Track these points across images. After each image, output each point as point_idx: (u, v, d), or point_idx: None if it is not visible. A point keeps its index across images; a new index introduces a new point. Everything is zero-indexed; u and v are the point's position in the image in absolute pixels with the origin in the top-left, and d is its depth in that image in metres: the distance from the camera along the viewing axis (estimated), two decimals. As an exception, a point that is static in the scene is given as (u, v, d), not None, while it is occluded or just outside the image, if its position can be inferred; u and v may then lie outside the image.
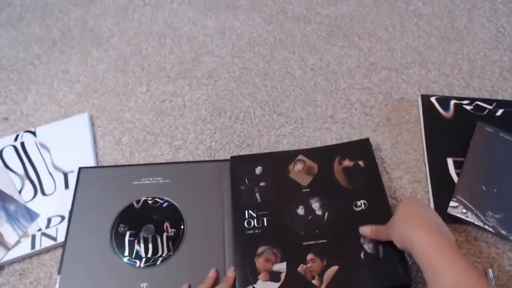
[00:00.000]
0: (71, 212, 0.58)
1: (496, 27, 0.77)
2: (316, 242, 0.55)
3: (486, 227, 0.54)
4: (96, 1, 0.90)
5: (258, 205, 0.59)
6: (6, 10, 0.92)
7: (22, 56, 0.83)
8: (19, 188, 0.63)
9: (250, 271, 0.54)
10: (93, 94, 0.75)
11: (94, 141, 0.68)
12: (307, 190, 0.60)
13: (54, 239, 0.57)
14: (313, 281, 0.53)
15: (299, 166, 0.63)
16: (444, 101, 0.66)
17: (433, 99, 0.67)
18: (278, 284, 0.53)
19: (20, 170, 0.65)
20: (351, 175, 0.61)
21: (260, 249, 0.55)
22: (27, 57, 0.82)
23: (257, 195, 0.60)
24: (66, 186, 0.62)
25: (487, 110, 0.65)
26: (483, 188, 0.57)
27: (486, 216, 0.54)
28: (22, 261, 0.57)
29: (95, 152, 0.67)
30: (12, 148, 0.67)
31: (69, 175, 0.63)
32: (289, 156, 0.64)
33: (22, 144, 0.68)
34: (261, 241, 0.56)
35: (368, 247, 0.54)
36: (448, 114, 0.65)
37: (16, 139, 0.68)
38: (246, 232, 0.57)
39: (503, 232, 0.53)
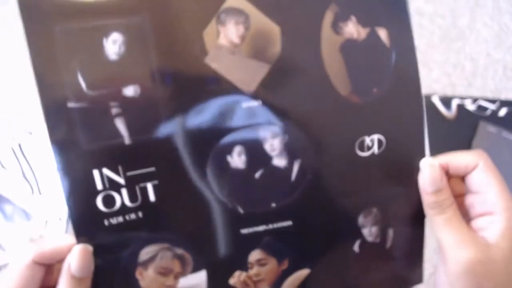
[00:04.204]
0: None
1: (499, 26, 0.76)
2: (271, 226, 0.28)
3: (489, 229, 0.53)
4: (94, 0, 0.90)
5: (127, 152, 0.26)
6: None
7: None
8: (15, 189, 0.62)
9: None
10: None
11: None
12: (255, 104, 0.27)
13: (51, 240, 0.57)
14: None
15: (232, 32, 0.26)
16: (446, 100, 0.65)
17: (435, 99, 0.66)
18: None
19: (17, 171, 0.64)
20: (359, 63, 0.28)
21: (146, 252, 0.27)
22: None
23: (120, 124, 0.26)
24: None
25: (490, 110, 0.64)
26: (486, 189, 0.56)
27: (489, 218, 0.53)
28: (19, 262, 0.57)
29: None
30: (9, 148, 0.67)
31: (66, 176, 0.63)
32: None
33: (19, 144, 0.67)
34: (144, 236, 0.27)
35: (369, 232, 0.30)
36: (451, 114, 0.64)
37: (13, 139, 0.68)
38: (105, 222, 0.26)
39: (507, 234, 0.52)
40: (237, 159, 0.27)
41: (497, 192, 0.28)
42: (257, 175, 0.28)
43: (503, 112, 0.63)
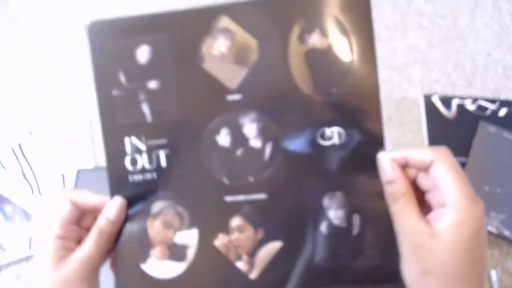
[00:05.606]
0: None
1: (499, 26, 0.76)
2: (249, 197, 0.34)
3: (489, 228, 0.53)
4: (94, 0, 0.90)
5: (148, 127, 0.35)
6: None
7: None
8: (15, 189, 0.62)
9: (137, 242, 0.34)
10: (93, 94, 0.74)
11: (93, 141, 0.67)
12: (237, 97, 0.34)
13: (51, 240, 0.57)
14: (238, 264, 0.34)
15: (222, 45, 0.34)
16: (446, 100, 0.66)
17: (435, 99, 0.66)
18: (182, 266, 0.34)
19: (17, 171, 0.64)
20: (321, 68, 0.33)
21: (157, 207, 0.35)
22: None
23: (145, 107, 0.35)
24: (64, 186, 0.62)
25: (490, 110, 0.64)
26: (486, 188, 0.56)
27: (490, 217, 0.53)
28: (19, 263, 0.57)
29: (94, 153, 0.66)
30: (9, 148, 0.67)
31: (67, 176, 0.63)
32: (203, 21, 0.34)
33: (19, 144, 0.67)
34: (157, 192, 0.35)
35: (334, 215, 0.33)
36: (451, 114, 0.64)
37: (13, 139, 0.68)
38: (130, 178, 0.35)
39: (507, 233, 0.52)
40: (224, 139, 0.34)
41: (452, 186, 0.29)
42: (238, 152, 0.35)
43: (503, 112, 0.63)
